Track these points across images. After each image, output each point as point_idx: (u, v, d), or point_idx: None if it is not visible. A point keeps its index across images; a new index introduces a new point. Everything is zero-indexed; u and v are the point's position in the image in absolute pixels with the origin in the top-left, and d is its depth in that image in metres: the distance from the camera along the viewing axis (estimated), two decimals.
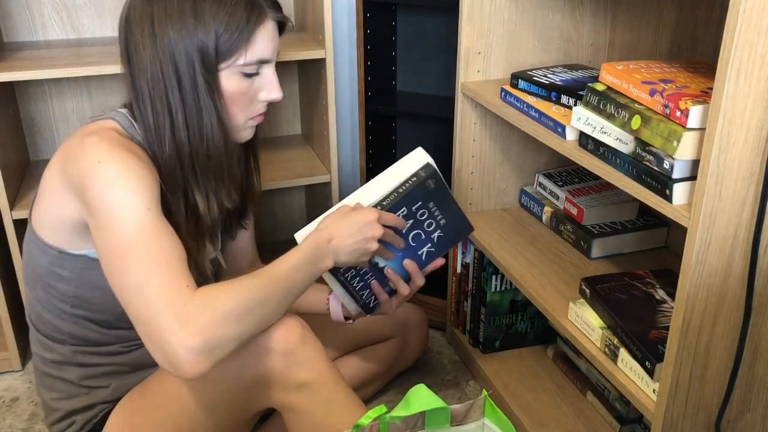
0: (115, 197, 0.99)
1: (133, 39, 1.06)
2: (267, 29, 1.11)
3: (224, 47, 1.07)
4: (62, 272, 1.11)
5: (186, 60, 1.05)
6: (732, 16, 0.83)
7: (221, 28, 1.06)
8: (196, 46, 1.05)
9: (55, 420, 1.20)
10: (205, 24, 1.05)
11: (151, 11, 1.05)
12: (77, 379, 1.18)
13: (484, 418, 1.07)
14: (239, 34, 1.07)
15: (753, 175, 0.93)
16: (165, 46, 1.05)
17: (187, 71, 1.05)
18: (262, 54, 1.11)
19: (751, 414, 1.12)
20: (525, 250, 1.54)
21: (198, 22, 1.05)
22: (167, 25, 1.04)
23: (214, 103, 1.08)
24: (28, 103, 1.90)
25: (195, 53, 1.05)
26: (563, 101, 1.32)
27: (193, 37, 1.05)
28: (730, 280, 0.99)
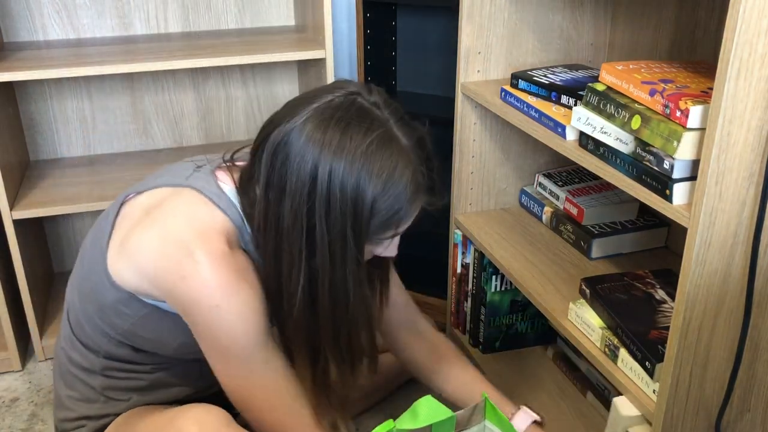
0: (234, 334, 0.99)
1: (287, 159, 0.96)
2: (417, 211, 1.05)
3: (374, 229, 1.00)
4: (125, 310, 1.08)
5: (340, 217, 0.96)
6: (732, 16, 0.83)
7: (379, 212, 0.98)
8: (353, 206, 0.96)
9: (65, 418, 1.19)
10: (371, 187, 0.95)
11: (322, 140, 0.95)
12: (100, 388, 1.16)
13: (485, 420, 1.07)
14: (391, 221, 1.00)
15: (753, 175, 0.93)
16: (322, 185, 0.95)
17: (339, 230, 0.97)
18: (403, 230, 1.05)
19: (751, 414, 1.12)
20: (525, 250, 1.54)
21: (366, 181, 0.95)
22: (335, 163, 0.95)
23: (358, 265, 1.00)
24: (28, 103, 1.90)
25: (349, 213, 0.96)
26: (563, 101, 1.32)
27: (358, 196, 0.95)
28: (730, 280, 0.99)
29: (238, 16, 1.99)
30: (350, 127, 0.96)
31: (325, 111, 0.97)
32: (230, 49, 1.72)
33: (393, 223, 1.01)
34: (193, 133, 2.07)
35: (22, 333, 1.80)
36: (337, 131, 0.95)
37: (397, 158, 0.97)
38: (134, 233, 1.03)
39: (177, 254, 0.98)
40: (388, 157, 0.96)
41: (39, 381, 1.72)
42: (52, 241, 2.04)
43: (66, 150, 1.98)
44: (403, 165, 0.98)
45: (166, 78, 1.99)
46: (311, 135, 0.95)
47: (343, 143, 0.95)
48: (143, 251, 1.01)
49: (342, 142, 0.95)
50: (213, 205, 1.03)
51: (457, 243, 1.71)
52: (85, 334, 1.14)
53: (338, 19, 2.04)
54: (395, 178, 0.97)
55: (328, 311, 1.02)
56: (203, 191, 1.04)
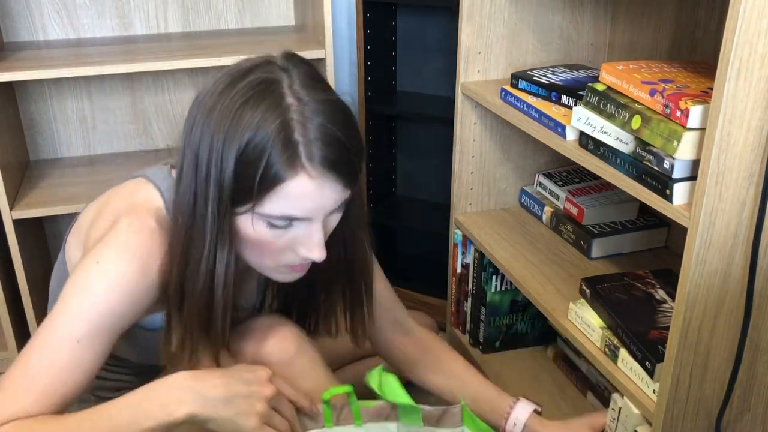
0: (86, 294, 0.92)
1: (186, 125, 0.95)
2: (302, 186, 0.89)
3: (242, 189, 0.90)
4: None
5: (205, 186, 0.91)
6: (732, 16, 0.83)
7: (242, 163, 0.88)
8: (215, 177, 0.90)
9: None
10: (227, 154, 0.88)
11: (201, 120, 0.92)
12: (90, 389, 1.17)
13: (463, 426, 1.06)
14: (259, 179, 0.88)
15: (753, 175, 0.93)
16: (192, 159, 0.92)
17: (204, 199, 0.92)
18: (290, 212, 0.91)
19: (751, 414, 1.12)
20: (525, 250, 1.54)
21: (224, 151, 0.89)
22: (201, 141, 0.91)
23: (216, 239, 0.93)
24: (28, 103, 1.90)
25: (214, 183, 0.90)
26: (563, 101, 1.32)
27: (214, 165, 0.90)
28: (730, 280, 0.99)
29: (238, 16, 1.99)
30: (232, 84, 0.91)
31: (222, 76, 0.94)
32: (230, 49, 1.72)
33: (266, 185, 0.88)
34: None
35: (22, 333, 1.80)
36: (219, 90, 0.91)
37: (270, 111, 0.88)
38: (82, 218, 1.06)
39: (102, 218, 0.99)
40: (261, 109, 0.88)
41: None
42: (52, 241, 2.04)
43: (66, 150, 1.98)
44: (274, 117, 0.87)
45: (166, 78, 1.99)
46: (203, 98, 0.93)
47: (220, 99, 0.90)
48: (84, 224, 1.04)
49: (219, 99, 0.90)
50: (152, 186, 1.02)
51: (457, 243, 1.71)
52: None
53: (338, 19, 2.04)
54: (262, 131, 0.87)
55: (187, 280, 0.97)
56: (150, 177, 1.04)
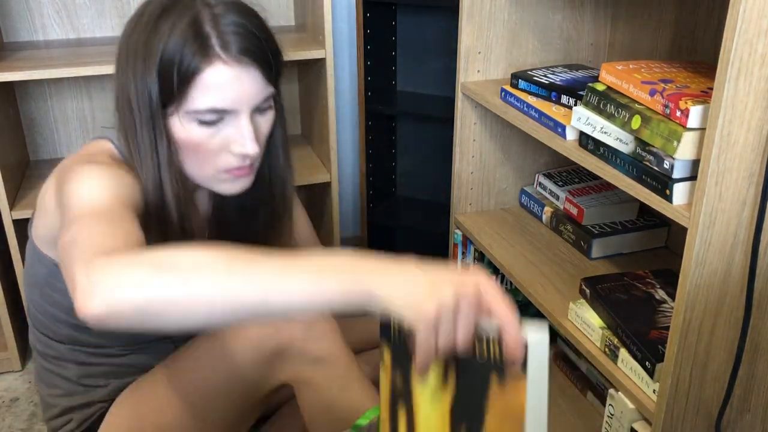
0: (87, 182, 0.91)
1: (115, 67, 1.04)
2: (219, 74, 0.95)
3: (163, 92, 0.97)
4: (58, 284, 1.10)
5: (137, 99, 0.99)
6: (732, 16, 0.83)
7: (161, 66, 0.96)
8: (141, 87, 0.98)
9: (52, 416, 1.20)
10: (149, 62, 0.97)
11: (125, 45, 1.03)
12: (76, 377, 1.18)
13: None
14: (177, 76, 0.95)
15: (753, 175, 0.93)
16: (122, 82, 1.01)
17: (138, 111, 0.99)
18: (213, 103, 0.96)
19: (751, 414, 1.12)
20: (525, 250, 1.54)
21: (146, 60, 0.97)
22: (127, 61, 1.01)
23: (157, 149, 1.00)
24: (28, 103, 1.90)
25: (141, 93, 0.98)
26: (563, 101, 1.32)
27: (140, 77, 0.98)
28: (730, 280, 0.99)
29: None
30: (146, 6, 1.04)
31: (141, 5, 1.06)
32: None
33: (188, 79, 0.95)
34: None
35: (22, 333, 1.80)
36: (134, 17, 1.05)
37: (183, 10, 0.98)
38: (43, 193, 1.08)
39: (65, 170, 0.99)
40: (176, 11, 0.99)
41: None
42: None
43: (66, 150, 1.98)
44: (184, 11, 0.98)
45: None
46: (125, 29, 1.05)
47: (141, 12, 1.03)
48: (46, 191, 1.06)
49: (139, 12, 1.04)
50: (103, 140, 1.08)
51: (457, 243, 1.71)
52: (44, 326, 1.16)
53: (338, 19, 2.04)
54: (178, 26, 0.96)
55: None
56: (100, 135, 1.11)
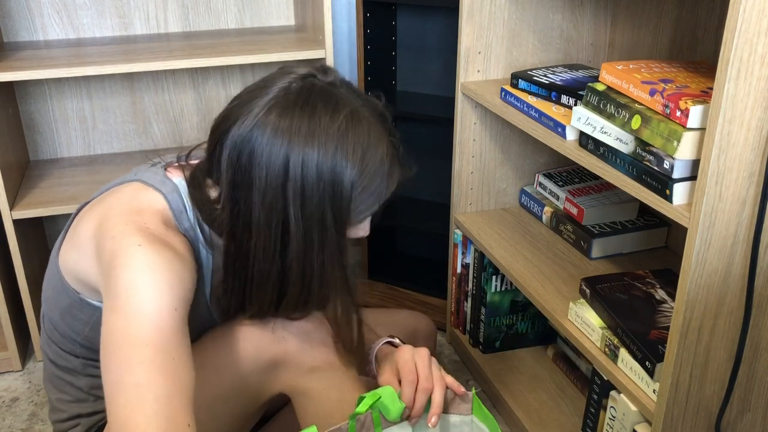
0: (142, 286, 0.88)
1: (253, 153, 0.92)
2: (395, 184, 1.01)
3: (359, 208, 0.96)
4: (79, 314, 1.08)
5: (318, 206, 0.92)
6: (732, 16, 0.83)
7: (361, 192, 0.94)
8: (332, 192, 0.92)
9: (59, 419, 1.20)
10: (348, 169, 0.92)
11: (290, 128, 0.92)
12: (87, 388, 1.17)
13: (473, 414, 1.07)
14: (374, 200, 0.97)
15: (753, 175, 0.93)
16: (296, 175, 0.91)
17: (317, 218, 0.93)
18: (379, 207, 1.01)
19: (751, 414, 1.12)
20: (525, 250, 1.54)
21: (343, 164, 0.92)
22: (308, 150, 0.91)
23: (341, 250, 0.97)
24: (28, 103, 1.90)
25: (328, 199, 0.92)
26: (563, 101, 1.32)
27: (336, 180, 0.92)
28: (730, 280, 0.99)
29: (238, 16, 1.99)
30: (316, 111, 0.92)
31: (286, 98, 0.93)
32: (230, 49, 1.72)
33: (374, 200, 0.98)
34: (193, 133, 2.06)
35: (22, 333, 1.80)
36: (304, 117, 0.92)
37: (369, 135, 0.94)
38: (79, 224, 1.03)
39: (110, 224, 0.95)
40: (361, 134, 0.93)
41: (39, 381, 1.72)
42: (52, 241, 2.04)
43: (66, 150, 1.98)
44: (376, 140, 0.95)
45: (166, 78, 1.99)
46: (277, 125, 0.91)
47: (313, 128, 0.91)
48: (83, 231, 1.00)
49: (311, 128, 0.91)
50: (153, 190, 1.00)
51: (457, 243, 1.71)
52: (59, 340, 1.14)
53: (338, 19, 2.04)
54: (371, 154, 0.94)
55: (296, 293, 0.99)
56: (147, 181, 1.02)
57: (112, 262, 0.91)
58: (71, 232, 1.06)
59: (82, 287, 1.05)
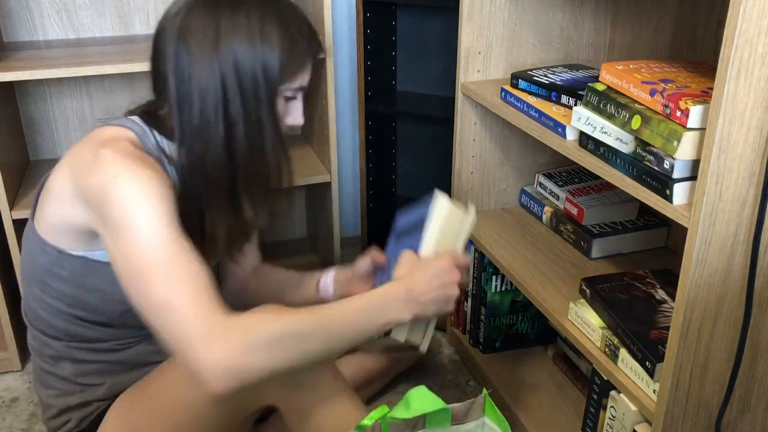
0: (136, 212, 0.98)
1: (185, 47, 1.04)
2: (310, 60, 1.14)
3: (287, 71, 1.08)
4: (61, 272, 1.11)
5: (251, 75, 1.05)
6: (732, 16, 0.83)
7: (285, 53, 1.07)
8: (261, 64, 1.05)
9: (51, 416, 1.21)
10: (272, 45, 1.06)
11: (217, 22, 1.04)
12: (72, 376, 1.18)
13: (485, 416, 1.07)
14: (299, 61, 1.09)
15: (753, 175, 0.93)
16: (229, 58, 1.04)
17: (250, 85, 1.05)
18: (304, 82, 1.13)
19: (751, 414, 1.12)
20: (525, 250, 1.54)
21: (265, 43, 1.05)
22: (233, 39, 1.04)
23: (274, 118, 1.09)
24: (28, 103, 1.89)
25: (259, 70, 1.05)
26: (563, 101, 1.32)
27: (259, 55, 1.05)
28: (730, 280, 0.99)
29: None
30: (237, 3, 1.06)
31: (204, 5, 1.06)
32: None
33: (299, 69, 1.10)
34: None
35: (22, 333, 1.80)
36: (227, 12, 1.05)
37: (283, 12, 1.09)
38: (51, 176, 1.12)
39: (84, 158, 1.05)
40: (277, 14, 1.08)
41: None
42: None
43: (66, 150, 1.98)
44: (291, 15, 1.11)
45: None
46: (203, 26, 1.04)
47: (237, 22, 1.05)
48: (59, 177, 1.09)
49: (235, 22, 1.05)
50: (114, 126, 1.11)
51: None
52: (42, 321, 1.17)
53: (338, 19, 2.04)
54: (290, 30, 1.08)
55: (246, 159, 1.09)
56: (105, 122, 1.14)
57: (101, 197, 1.00)
58: (44, 192, 1.12)
59: (62, 239, 1.10)
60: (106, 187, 0.99)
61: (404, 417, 0.98)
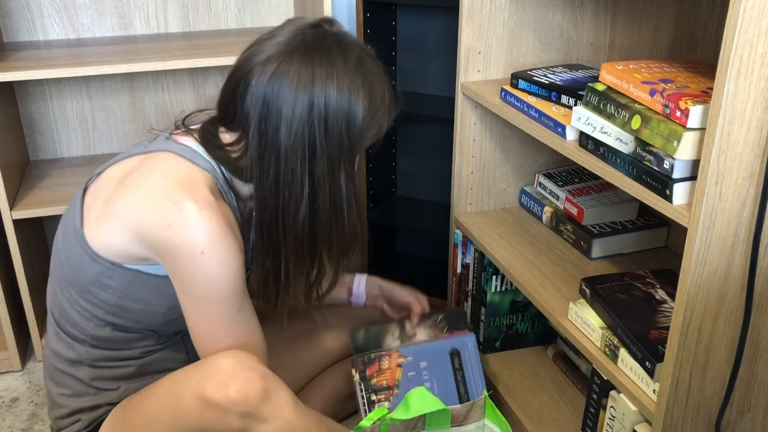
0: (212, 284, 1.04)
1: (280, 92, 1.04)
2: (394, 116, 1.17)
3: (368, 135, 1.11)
4: (109, 282, 1.10)
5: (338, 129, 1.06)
6: (732, 16, 0.83)
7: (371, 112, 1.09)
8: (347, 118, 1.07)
9: (60, 416, 1.20)
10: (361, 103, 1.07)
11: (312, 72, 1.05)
12: (88, 379, 1.17)
13: (485, 418, 1.07)
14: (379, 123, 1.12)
15: (753, 175, 0.93)
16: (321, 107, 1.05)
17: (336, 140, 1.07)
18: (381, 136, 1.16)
19: (751, 414, 1.12)
20: (525, 250, 1.54)
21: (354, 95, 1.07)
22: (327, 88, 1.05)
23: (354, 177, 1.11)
24: (28, 103, 1.90)
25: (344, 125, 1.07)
26: (563, 101, 1.32)
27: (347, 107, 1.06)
28: (730, 280, 0.99)
29: (238, 16, 1.99)
30: (332, 55, 1.07)
31: (304, 46, 1.07)
32: (230, 49, 1.72)
33: (378, 129, 1.13)
34: None
35: (22, 333, 1.80)
36: (323, 62, 1.06)
37: (373, 73, 1.11)
38: (115, 198, 1.08)
39: (162, 204, 1.03)
40: (367, 74, 1.09)
41: (39, 381, 1.72)
42: (52, 241, 2.04)
43: (66, 150, 1.98)
44: (379, 78, 1.12)
45: (166, 78, 1.99)
46: (299, 71, 1.05)
47: (331, 71, 1.06)
48: (128, 208, 1.06)
49: (329, 71, 1.06)
50: (186, 160, 1.09)
51: (457, 243, 1.71)
52: (71, 323, 1.15)
53: (338, 19, 2.03)
54: (377, 90, 1.10)
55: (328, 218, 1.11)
56: (171, 150, 1.10)
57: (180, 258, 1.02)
58: (99, 211, 1.09)
59: (115, 255, 1.08)
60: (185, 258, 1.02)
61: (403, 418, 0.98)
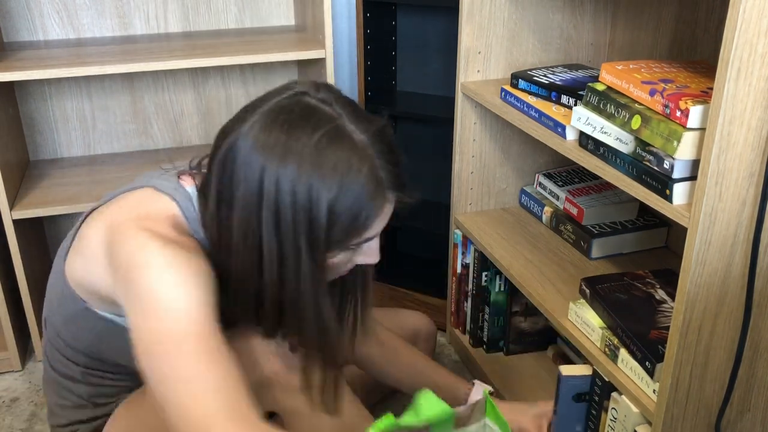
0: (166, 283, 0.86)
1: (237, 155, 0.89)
2: (386, 211, 0.95)
3: (336, 237, 0.90)
4: (83, 324, 1.08)
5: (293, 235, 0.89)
6: (732, 16, 0.83)
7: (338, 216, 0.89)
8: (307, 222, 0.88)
9: (58, 424, 1.20)
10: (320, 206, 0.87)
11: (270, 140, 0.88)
12: (87, 396, 1.17)
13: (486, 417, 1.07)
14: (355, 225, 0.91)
15: (753, 175, 0.93)
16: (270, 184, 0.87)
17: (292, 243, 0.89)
18: (374, 233, 0.96)
19: (751, 414, 1.12)
20: (525, 250, 1.54)
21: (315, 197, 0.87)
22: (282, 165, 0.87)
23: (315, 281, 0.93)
24: (28, 103, 1.90)
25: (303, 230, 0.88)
26: (563, 101, 1.32)
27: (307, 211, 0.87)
28: (730, 280, 0.99)
29: (238, 16, 1.99)
30: (294, 127, 0.88)
31: (270, 114, 0.90)
32: (230, 49, 1.72)
33: (359, 226, 0.91)
34: (193, 132, 2.06)
35: (22, 333, 1.80)
36: (282, 133, 0.88)
37: (351, 154, 0.88)
38: (86, 231, 1.02)
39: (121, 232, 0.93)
40: (341, 154, 0.87)
41: (39, 381, 1.72)
42: (52, 241, 2.04)
43: (66, 150, 1.98)
44: (359, 161, 0.88)
45: (166, 78, 1.99)
46: (256, 140, 0.88)
47: (289, 145, 0.87)
48: (91, 239, 0.99)
49: (288, 145, 0.87)
50: (164, 196, 0.99)
51: (457, 243, 1.71)
52: (61, 345, 1.14)
53: (338, 19, 2.04)
54: (351, 176, 0.87)
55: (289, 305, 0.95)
56: (158, 187, 1.00)
57: (130, 268, 0.89)
58: (78, 239, 1.04)
59: (89, 296, 1.05)
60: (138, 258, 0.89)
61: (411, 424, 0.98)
